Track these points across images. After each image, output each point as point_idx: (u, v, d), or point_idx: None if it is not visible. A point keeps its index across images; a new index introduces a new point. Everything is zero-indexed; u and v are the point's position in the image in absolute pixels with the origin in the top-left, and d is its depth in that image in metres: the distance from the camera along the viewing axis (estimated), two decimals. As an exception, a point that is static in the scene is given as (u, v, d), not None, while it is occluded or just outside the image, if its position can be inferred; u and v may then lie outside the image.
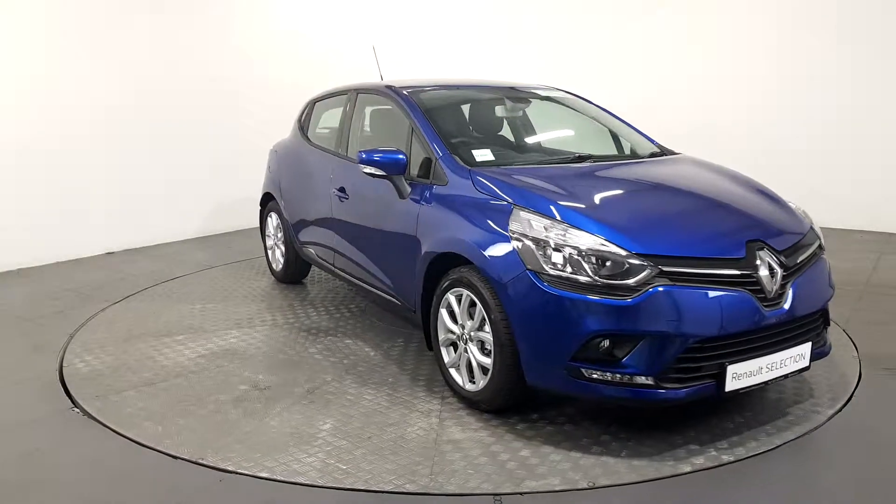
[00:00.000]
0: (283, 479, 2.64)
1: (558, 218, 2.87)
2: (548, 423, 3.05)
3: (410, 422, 3.09)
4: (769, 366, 2.82)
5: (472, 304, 3.10)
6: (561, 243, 2.77)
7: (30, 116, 6.05)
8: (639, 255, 2.70)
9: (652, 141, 4.18)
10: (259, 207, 5.75)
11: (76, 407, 3.34)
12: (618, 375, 2.69)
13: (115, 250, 6.69)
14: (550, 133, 4.45)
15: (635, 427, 3.00)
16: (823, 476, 2.69)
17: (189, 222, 7.33)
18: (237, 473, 2.68)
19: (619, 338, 2.67)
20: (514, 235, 2.88)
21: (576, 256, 2.73)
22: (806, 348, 2.95)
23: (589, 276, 2.69)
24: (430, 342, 3.46)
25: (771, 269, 2.84)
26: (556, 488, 2.56)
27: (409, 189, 3.57)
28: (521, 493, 2.52)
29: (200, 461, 2.77)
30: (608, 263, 2.70)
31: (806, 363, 2.97)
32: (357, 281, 4.21)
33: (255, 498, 2.57)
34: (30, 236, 6.11)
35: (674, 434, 2.94)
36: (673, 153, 4.02)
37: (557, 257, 2.75)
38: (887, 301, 4.75)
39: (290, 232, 5.11)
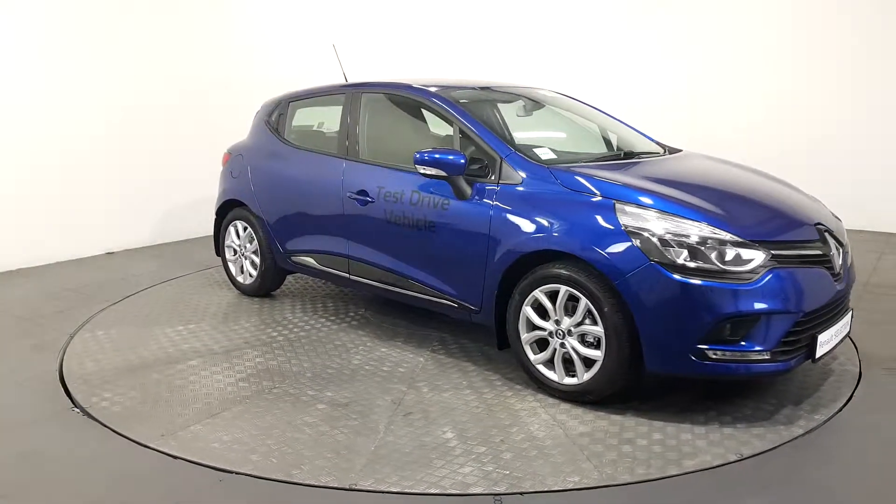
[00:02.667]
0: (456, 492, 2.54)
1: (668, 210, 3.03)
2: (651, 407, 3.20)
3: (524, 421, 3.09)
4: (835, 333, 3.21)
5: (569, 299, 3.17)
6: (681, 234, 2.92)
7: (30, 117, 5.94)
8: (753, 242, 2.94)
9: (654, 140, 4.48)
10: (215, 217, 5.30)
11: (76, 407, 3.30)
12: (738, 353, 2.91)
13: (115, 250, 6.62)
14: (569, 132, 4.60)
15: (725, 400, 3.25)
16: (823, 475, 2.67)
17: (189, 222, 7.20)
18: (404, 494, 2.53)
19: (742, 318, 2.89)
20: (629, 229, 2.99)
21: (697, 246, 2.90)
22: (849, 317, 3.39)
23: (714, 263, 2.88)
24: (506, 341, 3.47)
25: (835, 248, 3.24)
26: (713, 464, 2.72)
27: (470, 189, 3.54)
28: (521, 493, 2.54)
29: (354, 487, 2.58)
30: (729, 251, 2.90)
31: (848, 329, 3.41)
32: (387, 286, 4.06)
33: (256, 498, 2.54)
34: (30, 236, 6.03)
35: (761, 403, 3.23)
36: (678, 150, 4.35)
37: (680, 248, 2.90)
38: (887, 301, 4.74)
39: (272, 241, 4.77)
